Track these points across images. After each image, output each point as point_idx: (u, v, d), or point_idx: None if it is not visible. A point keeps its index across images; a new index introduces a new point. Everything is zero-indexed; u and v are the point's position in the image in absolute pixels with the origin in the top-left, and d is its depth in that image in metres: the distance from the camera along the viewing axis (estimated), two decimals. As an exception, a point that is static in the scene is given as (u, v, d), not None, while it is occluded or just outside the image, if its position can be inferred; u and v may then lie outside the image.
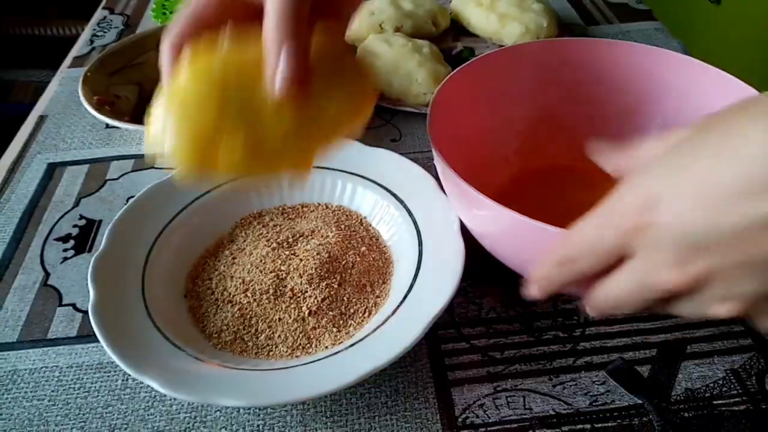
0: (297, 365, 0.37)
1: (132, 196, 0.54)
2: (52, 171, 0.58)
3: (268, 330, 0.40)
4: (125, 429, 0.37)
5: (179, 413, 0.38)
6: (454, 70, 0.46)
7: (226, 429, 0.37)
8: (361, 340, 0.38)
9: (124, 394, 0.39)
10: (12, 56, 1.84)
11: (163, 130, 0.31)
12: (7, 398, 0.39)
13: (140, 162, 0.58)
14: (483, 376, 0.39)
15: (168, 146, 0.31)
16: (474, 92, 0.48)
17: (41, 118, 0.65)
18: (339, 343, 0.39)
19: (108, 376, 0.40)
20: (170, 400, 0.39)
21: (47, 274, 0.47)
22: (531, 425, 0.37)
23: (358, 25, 0.70)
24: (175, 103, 0.31)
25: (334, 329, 0.40)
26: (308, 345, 0.39)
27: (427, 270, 0.41)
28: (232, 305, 0.41)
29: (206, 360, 0.37)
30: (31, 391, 0.40)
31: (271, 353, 0.39)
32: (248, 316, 0.41)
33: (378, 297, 0.42)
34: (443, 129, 0.42)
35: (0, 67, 1.80)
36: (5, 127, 0.88)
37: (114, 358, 0.35)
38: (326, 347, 0.39)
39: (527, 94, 0.51)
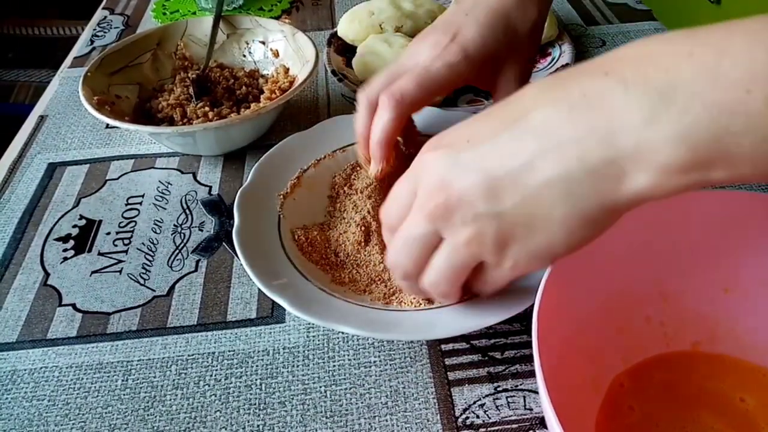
0: (417, 310, 0.40)
1: (132, 197, 0.54)
2: (52, 171, 0.58)
3: (366, 278, 0.43)
4: (125, 429, 0.37)
5: (179, 413, 0.38)
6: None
7: (226, 429, 0.37)
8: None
9: (124, 395, 0.39)
10: (12, 56, 1.84)
11: None
12: (6, 398, 0.39)
13: (140, 162, 0.58)
14: (483, 376, 0.39)
15: None
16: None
17: (41, 118, 0.65)
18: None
19: (108, 377, 0.40)
20: (170, 400, 0.39)
21: (47, 274, 0.47)
22: (531, 426, 0.37)
23: (358, 25, 0.70)
24: None
25: None
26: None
27: None
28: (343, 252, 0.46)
29: (329, 291, 0.41)
30: (30, 392, 0.39)
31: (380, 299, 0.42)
32: (353, 263, 0.45)
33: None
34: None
35: (0, 67, 1.80)
36: (5, 127, 0.88)
37: (251, 275, 0.39)
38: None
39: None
